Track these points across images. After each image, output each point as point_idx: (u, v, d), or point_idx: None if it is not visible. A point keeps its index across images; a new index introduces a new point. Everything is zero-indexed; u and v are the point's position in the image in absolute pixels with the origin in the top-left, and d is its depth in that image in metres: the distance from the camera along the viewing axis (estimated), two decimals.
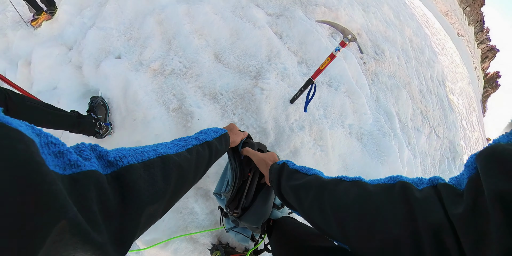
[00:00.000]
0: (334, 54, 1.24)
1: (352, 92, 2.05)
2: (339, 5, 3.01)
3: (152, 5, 2.11)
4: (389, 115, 2.62)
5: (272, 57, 1.78)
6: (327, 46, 2.02)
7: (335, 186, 0.38)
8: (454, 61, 14.55)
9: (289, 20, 2.17)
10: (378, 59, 2.99)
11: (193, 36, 1.84)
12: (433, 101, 4.74)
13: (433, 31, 12.38)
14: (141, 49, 1.79)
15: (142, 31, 1.90)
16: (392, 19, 4.97)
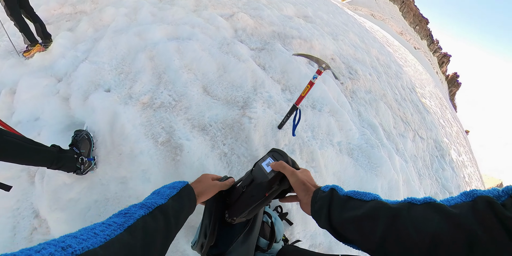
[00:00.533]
0: (313, 81, 1.16)
1: (335, 111, 1.96)
2: (312, 36, 3.08)
3: (144, 42, 2.08)
4: (373, 127, 2.52)
5: (257, 87, 1.70)
6: (306, 72, 1.97)
7: (409, 212, 0.30)
8: (418, 70, 15.01)
9: (270, 53, 2.15)
10: (353, 78, 2.97)
11: (182, 71, 1.77)
12: (409, 107, 4.71)
13: (394, 48, 12.92)
14: (131, 83, 1.69)
15: (134, 66, 1.83)
16: (359, 43, 5.14)
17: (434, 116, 6.76)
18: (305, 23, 3.71)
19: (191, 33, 2.28)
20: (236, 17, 3.01)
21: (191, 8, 3.24)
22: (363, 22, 14.26)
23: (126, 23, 2.61)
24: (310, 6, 6.27)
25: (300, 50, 2.55)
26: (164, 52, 1.86)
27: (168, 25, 2.45)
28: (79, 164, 1.15)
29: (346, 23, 6.87)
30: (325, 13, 6.24)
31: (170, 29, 2.39)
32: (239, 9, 3.46)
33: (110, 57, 1.89)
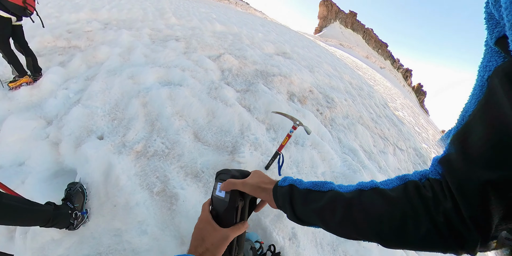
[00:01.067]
0: (290, 134, 1.11)
1: (317, 143, 1.93)
2: (291, 72, 3.14)
3: (138, 86, 1.99)
4: (354, 151, 2.47)
5: (244, 130, 1.67)
6: (287, 111, 2.01)
7: (359, 199, 0.33)
8: (387, 86, 15.63)
9: (255, 94, 2.16)
10: (330, 106, 3.01)
11: (174, 118, 1.74)
12: (385, 123, 4.74)
13: (363, 71, 13.58)
14: (124, 130, 1.59)
15: (127, 112, 1.74)
16: (332, 72, 5.35)
17: (409, 126, 6.85)
18: (284, 59, 3.85)
19: (182, 77, 2.30)
20: (222, 58, 3.11)
21: (181, 50, 3.23)
22: (334, 51, 15.15)
23: (120, 63, 2.52)
24: (287, 43, 6.60)
25: (281, 87, 2.59)
26: (157, 98, 1.83)
27: (160, 68, 2.44)
28: (72, 219, 1.06)
29: (319, 55, 7.25)
30: (301, 48, 6.57)
31: (162, 72, 2.38)
32: (225, 50, 3.58)
33: (104, 101, 1.78)
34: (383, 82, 17.60)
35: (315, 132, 2.18)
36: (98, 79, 1.98)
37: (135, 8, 6.37)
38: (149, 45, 3.15)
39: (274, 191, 0.42)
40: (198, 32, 4.38)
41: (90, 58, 2.56)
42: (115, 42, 3.01)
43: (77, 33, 3.47)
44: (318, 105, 2.91)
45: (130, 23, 4.48)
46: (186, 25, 4.94)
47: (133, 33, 3.62)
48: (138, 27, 4.15)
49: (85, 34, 3.42)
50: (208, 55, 3.19)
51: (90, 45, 3.02)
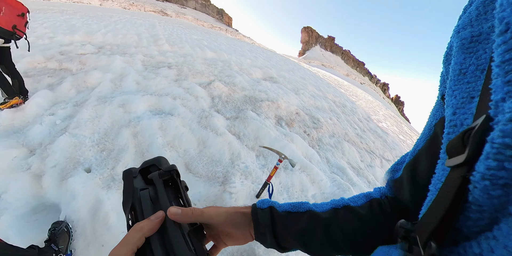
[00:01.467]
0: (277, 166, 1.13)
1: (305, 166, 1.94)
2: (278, 96, 3.26)
3: (128, 115, 1.90)
4: (342, 170, 2.49)
5: (234, 159, 1.67)
6: (276, 136, 2.02)
7: (335, 218, 0.35)
8: (369, 100, 16.40)
9: (244, 121, 2.20)
10: (317, 127, 3.10)
11: (165, 148, 1.70)
12: (369, 136, 4.84)
13: (345, 88, 14.35)
14: (114, 163, 1.49)
15: (117, 143, 1.63)
16: (317, 92, 5.61)
17: (393, 135, 7.02)
18: (271, 84, 4.02)
19: (173, 106, 2.29)
20: (212, 85, 3.17)
21: (173, 77, 3.21)
22: (317, 72, 16.09)
23: (111, 90, 2.42)
24: (274, 67, 6.91)
25: (269, 112, 2.68)
26: (148, 129, 1.79)
27: (152, 96, 2.41)
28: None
29: (304, 77, 7.65)
30: (286, 72, 6.91)
31: (154, 101, 2.35)
32: (215, 77, 3.65)
33: (93, 130, 1.67)
34: (365, 96, 18.54)
35: (303, 155, 2.21)
36: (88, 106, 1.88)
37: (130, 33, 6.48)
38: (142, 72, 3.09)
39: (253, 214, 0.35)
40: (189, 59, 4.45)
41: (81, 82, 2.44)
42: (107, 68, 2.90)
43: (69, 56, 3.34)
44: (305, 127, 3.00)
45: (124, 48, 4.45)
46: (178, 52, 5.03)
47: (126, 58, 3.59)
48: (132, 52, 4.13)
49: (77, 57, 3.31)
50: (199, 82, 3.23)
51: (82, 69, 2.87)
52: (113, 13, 16.41)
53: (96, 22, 8.42)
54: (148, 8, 45.47)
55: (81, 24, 7.23)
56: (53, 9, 13.41)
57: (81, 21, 7.97)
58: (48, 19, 7.95)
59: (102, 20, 9.49)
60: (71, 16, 9.60)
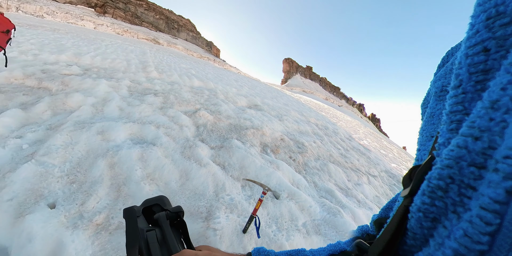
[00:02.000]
0: (261, 199, 1.11)
1: (293, 193, 1.91)
2: (263, 124, 3.35)
3: (107, 144, 1.74)
4: (330, 193, 2.47)
5: (219, 192, 1.61)
6: (261, 165, 2.02)
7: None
8: (348, 120, 17.39)
9: (229, 150, 2.20)
10: (302, 151, 3.17)
11: (144, 182, 1.56)
12: (353, 155, 4.95)
13: (325, 111, 15.32)
14: (84, 197, 1.31)
15: (90, 174, 1.45)
16: (300, 117, 5.89)
17: (375, 151, 7.23)
18: (256, 112, 4.17)
19: (156, 135, 2.19)
20: (198, 114, 3.15)
21: (158, 105, 3.12)
22: (299, 97, 17.25)
23: (91, 114, 2.26)
24: (258, 95, 7.28)
25: (254, 140, 2.73)
26: (127, 159, 1.66)
27: (134, 124, 2.28)
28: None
29: (287, 103, 8.11)
30: (270, 99, 7.31)
31: (136, 129, 2.22)
32: (201, 105, 3.67)
33: (64, 159, 1.48)
34: (344, 117, 19.76)
35: (290, 182, 2.20)
36: (63, 130, 1.70)
37: (120, 58, 6.42)
38: (126, 98, 2.97)
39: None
40: (176, 87, 4.43)
41: (59, 104, 2.27)
42: (91, 91, 2.75)
43: (52, 75, 3.15)
44: (290, 152, 3.06)
45: (111, 72, 4.31)
46: (166, 80, 5.03)
47: (112, 83, 3.46)
48: (119, 77, 3.99)
49: (60, 77, 3.12)
50: (184, 110, 3.18)
51: (63, 90, 2.68)
52: (105, 37, 16.62)
53: (87, 44, 8.37)
54: (141, 35, 46.82)
55: (70, 44, 7.10)
56: (45, 27, 13.31)
57: (71, 42, 7.88)
58: (37, 35, 7.76)
59: (93, 43, 9.50)
60: (62, 36, 9.53)
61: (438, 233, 0.17)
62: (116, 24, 47.34)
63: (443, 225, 0.17)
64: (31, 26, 12.18)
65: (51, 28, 13.54)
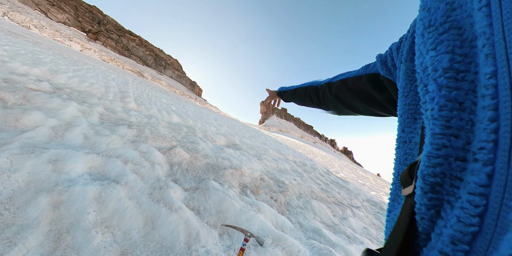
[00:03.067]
0: (243, 247, 1.00)
1: (278, 238, 1.72)
2: (241, 163, 3.30)
3: (57, 176, 1.38)
4: (317, 232, 2.27)
5: (191, 243, 1.37)
6: (241, 208, 1.88)
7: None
8: (324, 155, 18.11)
9: (204, 192, 2.03)
10: (283, 190, 3.08)
11: (96, 229, 1.22)
12: (334, 189, 4.89)
13: (302, 148, 16.04)
14: (4, 248, 0.93)
15: (23, 214, 1.08)
16: (278, 155, 6.02)
17: (353, 182, 7.27)
18: (234, 151, 4.15)
19: (122, 171, 1.90)
20: (173, 151, 2.91)
21: (130, 138, 2.81)
22: (276, 136, 18.09)
23: (48, 138, 1.89)
24: (237, 135, 7.44)
25: (232, 180, 2.61)
26: (79, 198, 1.31)
27: (98, 156, 1.96)
28: None
29: (265, 142, 8.38)
30: (249, 138, 7.51)
31: (98, 162, 1.90)
32: (178, 142, 3.44)
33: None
34: (320, 152, 20.67)
35: (274, 225, 2.01)
36: (3, 152, 1.38)
37: (99, 84, 5.91)
38: (95, 126, 2.64)
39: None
40: (154, 121, 4.22)
41: (10, 119, 1.88)
42: (55, 112, 2.39)
43: (15, 86, 2.71)
44: (271, 192, 2.94)
45: (85, 96, 3.93)
46: (143, 112, 4.78)
47: (83, 108, 3.11)
48: (93, 103, 3.65)
49: (24, 91, 2.69)
50: (159, 146, 2.95)
51: (21, 105, 2.28)
52: (89, 61, 15.36)
53: (67, 64, 7.75)
54: (127, 66, 45.40)
55: (49, 60, 6.47)
56: (27, 37, 11.95)
57: (50, 58, 7.23)
58: (15, 44, 7.02)
59: (75, 64, 8.86)
60: (42, 50, 8.74)
61: (437, 225, 0.19)
62: (104, 51, 46.28)
63: (441, 217, 0.19)
64: (12, 33, 11.27)
65: (33, 40, 12.60)
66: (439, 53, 0.21)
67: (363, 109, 0.51)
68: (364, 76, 0.47)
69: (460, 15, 0.21)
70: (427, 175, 0.19)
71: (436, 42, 0.21)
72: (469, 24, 0.20)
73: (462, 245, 0.16)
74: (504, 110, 0.16)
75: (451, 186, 0.18)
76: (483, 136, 0.17)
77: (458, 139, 0.18)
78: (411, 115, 0.28)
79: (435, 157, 0.19)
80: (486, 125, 0.17)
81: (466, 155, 0.18)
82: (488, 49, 0.18)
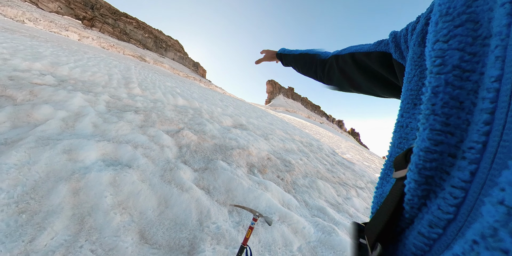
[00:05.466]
0: (252, 226, 1.02)
1: (284, 215, 1.79)
2: (248, 143, 3.30)
3: (73, 165, 1.47)
4: (322, 210, 2.37)
5: (203, 220, 1.44)
6: (249, 187, 1.92)
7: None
8: (330, 136, 18.11)
9: (214, 172, 2.07)
10: (289, 170, 3.13)
11: (115, 211, 1.33)
12: (339, 169, 4.98)
13: (309, 128, 15.95)
14: (35, 232, 1.05)
15: (47, 202, 1.19)
16: (285, 135, 6.00)
17: (359, 163, 7.39)
18: (241, 131, 4.15)
19: (133, 156, 1.96)
20: (181, 134, 2.96)
21: (138, 123, 2.88)
22: (283, 116, 17.89)
23: (59, 130, 1.97)
24: (243, 115, 7.37)
25: (240, 160, 2.64)
26: (96, 184, 1.41)
27: (109, 143, 2.04)
28: None
29: (271, 122, 8.31)
30: (255, 119, 7.44)
31: (110, 149, 1.98)
32: (185, 125, 3.49)
33: (16, 181, 1.22)
34: (326, 133, 20.61)
35: (281, 203, 2.09)
36: (20, 146, 1.45)
37: (101, 72, 5.99)
38: (103, 114, 2.72)
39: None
40: (160, 105, 4.26)
41: (22, 115, 1.97)
42: (63, 104, 2.47)
43: (20, 83, 2.80)
44: (278, 172, 2.99)
45: (90, 86, 3.99)
46: (149, 97, 4.82)
47: (89, 97, 3.19)
48: (98, 92, 3.72)
49: (30, 86, 2.77)
50: (166, 130, 3.00)
51: (30, 101, 2.36)
52: (89, 50, 15.36)
53: (67, 54, 7.82)
54: (127, 52, 44.76)
55: (49, 53, 6.56)
56: (23, 32, 12.19)
57: (50, 51, 7.29)
58: (12, 40, 7.07)
59: (75, 54, 8.94)
60: (40, 44, 8.82)
61: (421, 212, 0.21)
62: (102, 38, 46.05)
63: (425, 204, 0.21)
64: (8, 30, 11.37)
65: (30, 34, 12.70)
66: (451, 48, 0.20)
67: (366, 87, 0.50)
68: (374, 53, 0.44)
69: (481, 7, 0.20)
70: (423, 169, 0.21)
71: (450, 35, 0.21)
72: (487, 19, 0.20)
73: (437, 228, 0.19)
74: (500, 115, 0.17)
75: (440, 179, 0.20)
76: (475, 137, 0.18)
77: (453, 136, 0.20)
78: (412, 101, 0.28)
79: (432, 152, 0.20)
80: (480, 127, 0.18)
81: (456, 152, 0.20)
82: (500, 51, 0.18)
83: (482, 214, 0.15)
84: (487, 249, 0.14)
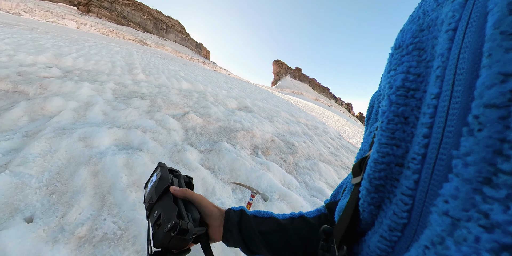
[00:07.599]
0: (250, 202, 1.10)
1: (284, 194, 1.91)
2: (253, 125, 3.33)
3: (89, 151, 1.65)
4: (320, 191, 2.49)
5: (209, 196, 1.58)
6: (252, 167, 2.01)
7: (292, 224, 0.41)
8: (337, 120, 17.82)
9: (218, 153, 2.16)
10: (292, 152, 3.19)
11: (130, 189, 1.50)
12: (343, 153, 5.03)
13: (315, 111, 15.63)
14: (65, 208, 1.24)
15: (71, 184, 1.38)
16: (290, 118, 5.95)
17: None
18: (246, 113, 4.15)
19: (143, 140, 2.11)
20: (187, 117, 3.06)
21: (145, 108, 3.01)
22: (289, 98, 17.46)
23: (73, 120, 2.14)
24: (248, 97, 7.25)
25: (244, 142, 2.71)
26: (111, 166, 1.58)
27: (119, 129, 2.19)
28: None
29: (277, 105, 8.17)
30: (260, 101, 7.32)
31: (121, 134, 2.13)
32: (190, 108, 3.58)
33: (42, 168, 1.39)
34: (334, 116, 20.22)
35: (281, 183, 2.20)
36: (41, 137, 1.60)
37: (104, 60, 6.11)
38: (111, 102, 2.86)
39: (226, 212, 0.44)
40: (164, 90, 4.32)
41: (37, 109, 2.12)
42: (72, 95, 2.61)
43: (29, 78, 2.94)
44: (281, 153, 3.06)
45: (95, 75, 4.11)
46: (153, 82, 4.87)
47: (96, 86, 3.31)
48: (103, 80, 3.84)
49: (38, 80, 2.92)
50: (172, 114, 3.09)
51: (41, 94, 2.51)
52: (89, 38, 15.52)
53: (68, 44, 7.95)
54: (127, 36, 44.26)
55: (50, 44, 6.70)
56: (21, 25, 12.41)
57: (51, 42, 7.44)
58: (12, 35, 7.18)
59: (76, 43, 9.04)
60: (41, 35, 8.97)
61: (380, 216, 0.23)
62: (101, 23, 44.98)
63: (382, 209, 0.23)
64: (6, 24, 11.38)
65: (28, 27, 12.67)
66: (397, 73, 0.24)
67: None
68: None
69: (426, 36, 0.23)
70: (373, 179, 0.23)
71: (398, 63, 0.24)
72: (431, 45, 0.22)
73: (396, 231, 0.21)
74: (437, 130, 0.19)
75: (391, 186, 0.22)
76: (416, 149, 0.20)
77: (399, 148, 0.22)
78: (367, 122, 0.37)
79: (380, 163, 0.22)
80: (420, 139, 0.20)
81: (403, 162, 0.22)
82: (440, 72, 0.20)
83: (431, 222, 0.17)
84: (436, 254, 0.15)
